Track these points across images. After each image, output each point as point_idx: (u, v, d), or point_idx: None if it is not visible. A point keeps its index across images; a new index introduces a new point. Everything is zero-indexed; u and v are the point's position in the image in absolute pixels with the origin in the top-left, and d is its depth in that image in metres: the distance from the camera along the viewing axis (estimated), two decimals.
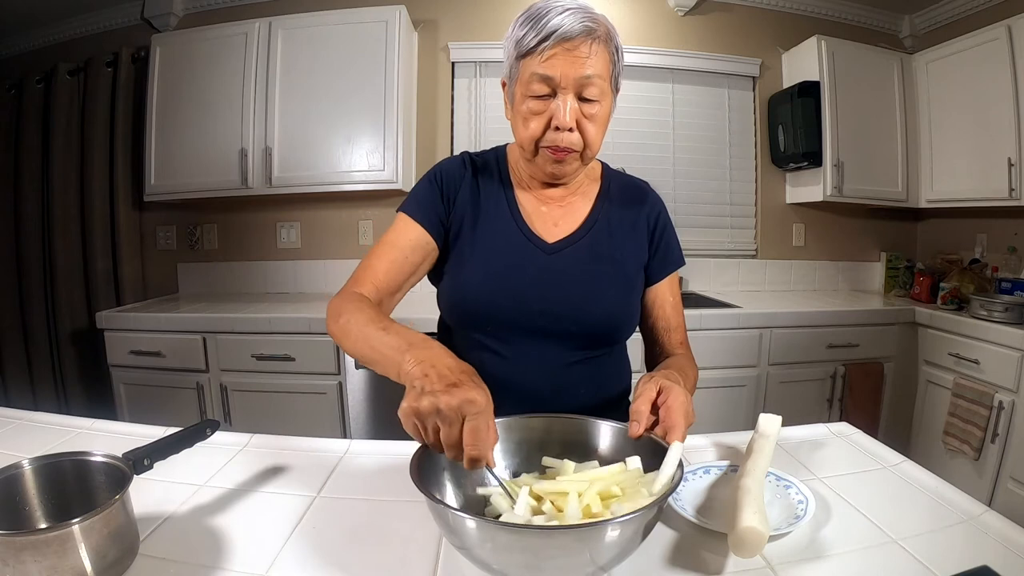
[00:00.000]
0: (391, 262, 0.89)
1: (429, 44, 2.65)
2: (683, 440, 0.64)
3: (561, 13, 0.78)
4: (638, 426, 0.66)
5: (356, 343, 0.74)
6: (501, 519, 0.57)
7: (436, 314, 1.00)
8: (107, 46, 2.61)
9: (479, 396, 0.56)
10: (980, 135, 2.32)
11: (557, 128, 0.82)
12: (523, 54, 0.81)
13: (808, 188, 2.71)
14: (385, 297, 0.88)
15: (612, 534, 0.48)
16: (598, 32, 0.79)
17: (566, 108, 0.80)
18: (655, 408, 0.69)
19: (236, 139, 2.36)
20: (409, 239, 0.90)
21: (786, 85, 2.75)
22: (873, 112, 2.59)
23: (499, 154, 0.99)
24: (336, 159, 2.35)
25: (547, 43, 0.78)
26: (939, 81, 2.51)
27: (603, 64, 0.81)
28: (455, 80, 2.69)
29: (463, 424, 0.55)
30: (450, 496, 0.62)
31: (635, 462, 0.63)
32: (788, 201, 2.87)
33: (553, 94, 0.81)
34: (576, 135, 0.83)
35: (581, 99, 0.81)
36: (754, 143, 2.84)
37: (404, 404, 0.57)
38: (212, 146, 2.38)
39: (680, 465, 0.58)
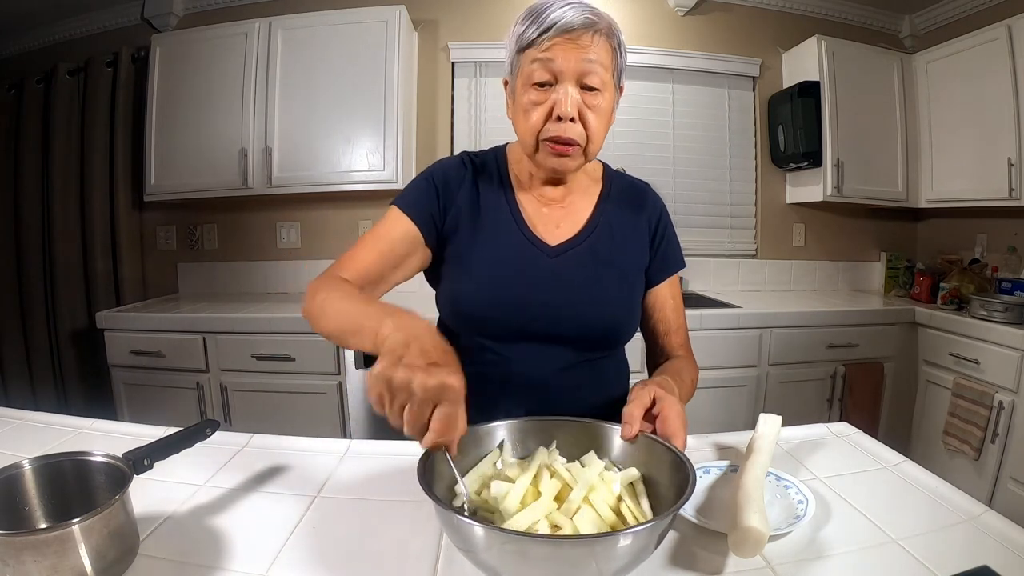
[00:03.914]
0: (377, 252, 0.87)
1: (429, 44, 2.65)
2: (685, 446, 0.64)
3: (562, 7, 0.78)
4: (631, 428, 0.66)
5: (333, 318, 0.73)
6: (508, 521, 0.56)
7: (435, 314, 1.00)
8: (107, 46, 2.60)
9: (456, 383, 0.54)
10: (980, 135, 2.32)
11: (559, 118, 0.80)
12: (524, 47, 0.80)
13: (808, 188, 2.71)
14: (367, 285, 0.85)
15: (624, 544, 0.48)
16: (600, 25, 0.79)
17: (568, 96, 0.79)
18: (649, 416, 0.69)
19: (236, 139, 2.36)
20: (398, 231, 0.89)
21: (786, 85, 2.75)
22: (873, 112, 2.58)
23: (498, 154, 0.98)
24: (336, 159, 2.35)
25: (548, 34, 0.78)
26: (939, 81, 2.51)
27: (605, 54, 0.80)
28: (455, 80, 2.69)
29: (433, 408, 0.54)
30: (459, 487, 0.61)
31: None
32: (788, 201, 2.87)
33: (554, 82, 0.80)
34: (579, 126, 0.81)
35: (583, 89, 0.80)
36: (754, 143, 2.84)
37: (377, 368, 0.54)
38: (212, 146, 2.38)
39: (693, 475, 0.56)
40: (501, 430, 0.69)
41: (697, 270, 2.80)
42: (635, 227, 0.97)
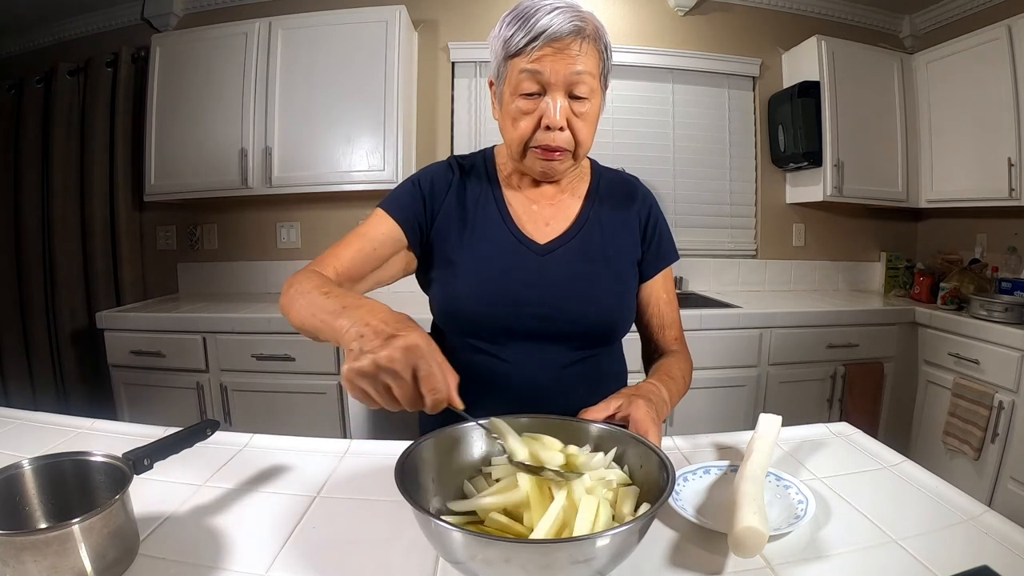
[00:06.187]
0: (357, 251, 0.87)
1: (429, 44, 2.65)
2: (660, 440, 0.68)
3: (550, 12, 0.77)
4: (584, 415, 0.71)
5: (300, 312, 0.73)
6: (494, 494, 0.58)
7: (428, 317, 0.99)
8: (107, 46, 2.60)
9: (419, 339, 0.54)
10: (980, 135, 2.32)
11: (547, 127, 0.81)
12: (512, 54, 0.80)
13: (808, 188, 2.71)
14: (346, 283, 0.85)
15: (603, 543, 0.48)
16: (587, 31, 0.79)
17: (556, 107, 0.80)
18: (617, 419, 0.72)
19: (236, 139, 2.36)
20: (380, 232, 0.89)
21: (786, 85, 2.75)
22: (873, 112, 2.58)
23: (486, 155, 0.99)
24: (336, 159, 2.35)
25: (536, 43, 0.77)
26: (939, 81, 2.51)
27: (593, 62, 0.81)
28: (455, 80, 2.69)
29: (414, 374, 0.54)
30: (435, 503, 0.61)
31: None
32: (788, 201, 2.87)
33: (542, 92, 0.80)
34: (567, 134, 0.82)
35: (571, 97, 0.81)
36: (754, 143, 2.84)
37: (344, 368, 0.55)
38: (212, 146, 2.38)
39: (672, 471, 0.56)
40: (478, 430, 0.68)
41: (697, 270, 2.80)
42: (625, 221, 0.97)
